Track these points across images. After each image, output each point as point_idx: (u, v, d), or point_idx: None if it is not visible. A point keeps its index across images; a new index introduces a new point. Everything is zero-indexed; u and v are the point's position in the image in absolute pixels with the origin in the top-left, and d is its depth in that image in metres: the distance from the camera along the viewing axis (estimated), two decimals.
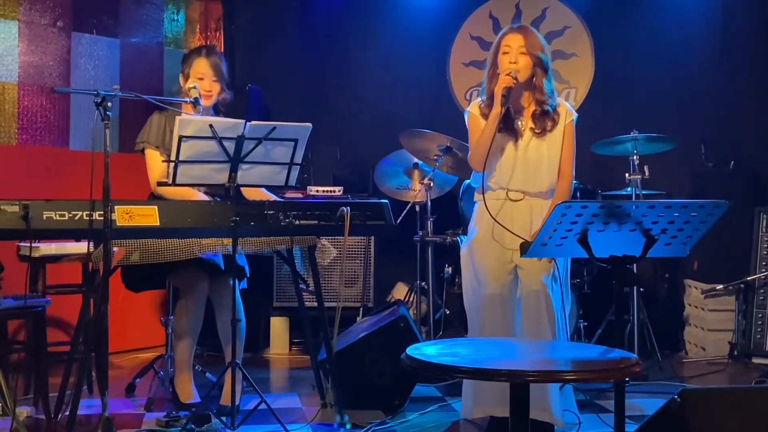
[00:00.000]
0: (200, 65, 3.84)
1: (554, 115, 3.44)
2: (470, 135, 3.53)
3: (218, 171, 3.28)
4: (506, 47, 3.38)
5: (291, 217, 3.41)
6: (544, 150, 3.43)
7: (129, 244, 3.27)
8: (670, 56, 5.78)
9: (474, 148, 3.44)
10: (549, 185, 3.46)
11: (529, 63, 3.37)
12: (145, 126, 3.84)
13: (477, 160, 3.40)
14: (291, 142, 3.31)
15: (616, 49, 5.91)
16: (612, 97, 5.89)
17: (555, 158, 3.44)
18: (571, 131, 3.48)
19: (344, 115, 6.23)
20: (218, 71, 3.86)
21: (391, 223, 3.66)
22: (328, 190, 5.33)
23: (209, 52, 3.94)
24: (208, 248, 3.40)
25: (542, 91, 3.41)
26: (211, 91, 3.83)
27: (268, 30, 6.23)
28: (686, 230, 2.52)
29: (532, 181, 3.43)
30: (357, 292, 5.35)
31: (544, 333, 3.35)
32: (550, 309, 3.36)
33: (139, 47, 5.58)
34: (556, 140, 3.44)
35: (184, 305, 3.77)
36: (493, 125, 3.32)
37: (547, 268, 3.37)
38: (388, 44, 6.19)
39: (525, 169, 3.43)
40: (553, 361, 2.37)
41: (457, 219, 5.06)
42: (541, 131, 3.43)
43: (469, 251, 3.54)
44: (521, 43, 3.37)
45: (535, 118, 3.43)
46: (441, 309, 5.18)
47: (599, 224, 2.46)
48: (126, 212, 3.15)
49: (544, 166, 3.43)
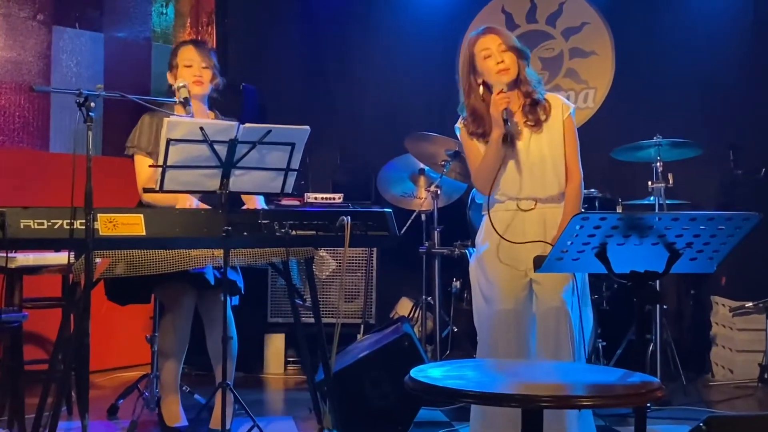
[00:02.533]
0: (187, 52, 3.88)
1: (545, 104, 3.47)
2: (466, 153, 3.58)
3: (209, 177, 3.28)
4: (485, 50, 3.43)
5: (287, 226, 3.41)
6: (545, 150, 3.45)
7: (113, 255, 3.27)
8: (696, 55, 5.78)
9: (477, 173, 3.49)
10: (558, 188, 3.46)
11: (514, 58, 3.43)
12: (135, 129, 3.85)
13: (482, 186, 3.47)
14: (287, 147, 3.31)
15: (638, 46, 5.92)
16: (634, 99, 5.89)
17: (559, 158, 3.46)
18: (572, 126, 3.50)
19: (345, 116, 6.24)
20: (207, 58, 3.90)
21: (394, 234, 3.65)
22: (327, 197, 5.34)
23: (197, 42, 4.03)
24: (197, 261, 3.40)
25: (528, 81, 3.46)
26: (201, 76, 3.84)
27: (265, 24, 6.25)
28: (713, 244, 2.52)
29: (541, 185, 3.44)
30: (357, 308, 5.35)
31: (564, 354, 3.33)
32: (570, 328, 3.35)
33: (125, 42, 5.60)
34: (556, 138, 3.46)
35: (169, 321, 3.78)
36: (496, 149, 3.37)
37: (566, 283, 3.37)
38: (394, 41, 6.20)
39: (531, 174, 3.44)
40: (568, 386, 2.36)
41: (465, 229, 5.06)
42: (535, 123, 3.45)
43: (479, 264, 3.53)
44: (498, 41, 3.43)
45: (526, 111, 3.47)
46: (448, 326, 5.17)
47: (619, 237, 2.45)
48: (110, 221, 3.15)
49: (549, 168, 3.44)
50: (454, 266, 5.13)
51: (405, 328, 4.08)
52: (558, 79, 6.05)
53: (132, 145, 3.81)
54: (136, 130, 3.84)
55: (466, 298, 5.12)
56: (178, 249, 3.33)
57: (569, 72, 6.04)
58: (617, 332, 5.01)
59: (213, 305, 3.79)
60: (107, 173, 3.89)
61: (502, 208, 3.47)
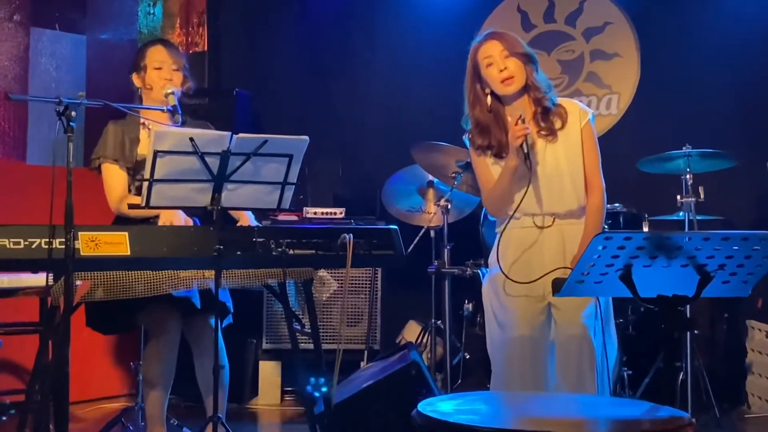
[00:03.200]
0: (157, 52, 3.92)
1: (558, 110, 3.47)
2: (474, 168, 3.60)
3: (199, 191, 3.29)
4: (487, 58, 3.44)
5: (284, 245, 3.41)
6: (562, 161, 3.44)
7: (94, 276, 3.27)
8: (730, 57, 5.77)
9: (489, 197, 3.52)
10: (578, 202, 3.46)
11: (519, 64, 3.42)
12: (100, 140, 3.88)
13: (493, 211, 3.51)
14: (284, 158, 3.31)
15: (665, 48, 5.92)
16: (661, 106, 5.88)
17: (577, 169, 3.45)
18: (591, 134, 3.50)
19: (347, 124, 6.25)
20: (178, 59, 3.94)
21: (401, 253, 3.65)
22: (328, 212, 5.34)
23: (165, 42, 4.07)
24: (185, 283, 3.40)
25: (538, 87, 3.46)
26: (172, 80, 3.87)
27: (260, 25, 6.26)
28: (747, 266, 2.51)
29: (559, 199, 3.44)
30: (361, 333, 5.34)
31: (585, 385, 3.33)
32: (592, 356, 3.34)
33: (110, 45, 5.62)
34: (573, 148, 3.46)
35: (154, 348, 3.78)
36: (511, 178, 3.38)
37: (588, 307, 3.36)
38: (400, 42, 6.22)
39: (548, 188, 3.44)
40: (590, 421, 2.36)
41: (478, 247, 5.05)
42: (549, 132, 3.45)
43: (492, 286, 3.53)
44: (500, 47, 3.43)
45: (539, 119, 3.46)
46: (460, 353, 5.16)
47: (645, 258, 2.45)
48: (91, 239, 3.15)
49: (567, 181, 3.44)
50: (465, 287, 5.12)
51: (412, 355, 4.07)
52: (578, 83, 6.05)
53: (98, 156, 3.85)
54: (101, 140, 3.88)
55: (479, 322, 5.09)
56: (165, 270, 3.33)
57: (590, 76, 6.04)
58: (644, 360, 4.99)
59: (202, 331, 3.79)
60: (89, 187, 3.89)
61: (517, 225, 3.47)
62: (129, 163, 3.83)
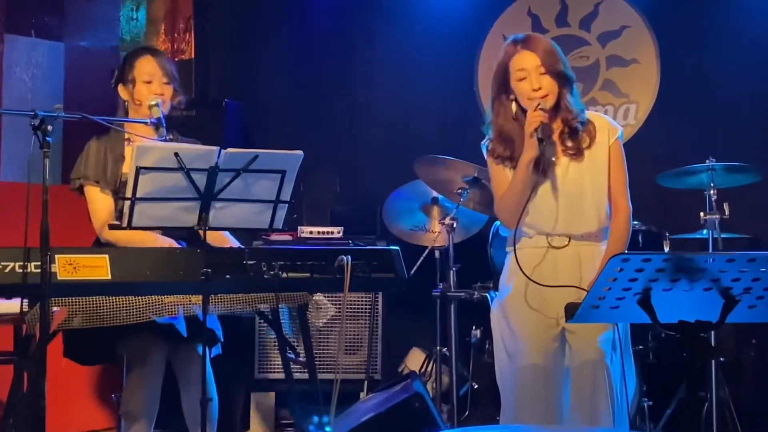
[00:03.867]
0: (146, 64, 3.92)
1: (587, 127, 3.47)
2: (492, 176, 3.60)
3: (185, 210, 3.29)
4: (521, 71, 3.41)
5: (277, 268, 3.41)
6: (585, 178, 3.45)
7: (73, 303, 3.27)
8: (757, 64, 5.77)
9: (501, 202, 3.50)
10: (599, 224, 3.47)
11: (553, 85, 3.42)
12: (80, 157, 3.89)
13: (507, 217, 3.47)
14: (277, 175, 3.32)
15: (687, 53, 5.93)
16: (683, 116, 5.89)
17: (601, 188, 3.46)
18: (619, 152, 3.51)
19: (345, 137, 6.26)
20: (168, 71, 3.94)
21: (403, 275, 3.66)
22: (325, 231, 5.34)
23: (155, 51, 4.07)
24: (170, 310, 3.40)
25: (570, 110, 3.46)
26: (162, 94, 3.88)
27: (251, 31, 6.28)
28: None
29: (578, 220, 3.44)
30: (360, 361, 5.34)
31: (602, 417, 3.33)
32: (610, 386, 3.35)
33: (90, 52, 5.64)
34: (599, 165, 3.46)
35: (137, 379, 3.77)
36: (527, 174, 3.36)
37: (605, 333, 3.37)
38: (402, 49, 6.23)
39: (567, 206, 3.44)
40: None
41: (486, 269, 5.05)
42: (576, 151, 3.45)
43: (502, 311, 3.53)
44: (537, 62, 3.40)
45: (566, 138, 3.47)
46: (467, 383, 5.15)
47: (665, 281, 2.45)
48: (69, 263, 3.15)
49: (589, 200, 3.45)
50: (473, 312, 5.11)
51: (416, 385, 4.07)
52: (594, 91, 6.06)
53: (77, 176, 3.85)
54: (81, 158, 3.88)
55: (487, 349, 5.09)
56: (148, 295, 3.33)
57: (606, 84, 6.05)
58: (666, 389, 4.98)
59: (188, 361, 3.78)
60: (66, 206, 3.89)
61: (529, 244, 3.47)
62: (111, 184, 3.83)
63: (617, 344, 3.39)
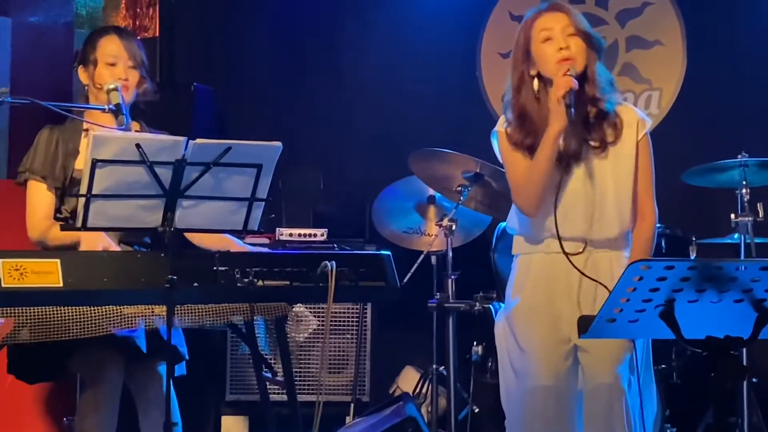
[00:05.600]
0: (110, 44, 3.91)
1: (615, 119, 3.46)
2: (506, 166, 3.56)
3: (148, 210, 3.29)
4: (546, 31, 3.40)
5: (252, 274, 3.41)
6: (609, 179, 3.45)
7: (19, 313, 3.26)
8: None
9: (521, 186, 3.45)
10: (620, 229, 3.47)
11: (582, 45, 3.41)
12: (30, 148, 3.88)
13: (527, 201, 3.43)
14: (253, 169, 3.32)
15: (717, 34, 5.94)
16: (712, 105, 5.91)
17: (625, 190, 3.46)
18: (648, 149, 3.52)
19: (331, 127, 6.26)
20: (135, 54, 3.93)
21: (395, 284, 3.66)
22: (306, 234, 5.34)
23: (121, 31, 4.06)
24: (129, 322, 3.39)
25: (596, 83, 3.44)
26: (127, 79, 3.87)
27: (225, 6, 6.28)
28: None
29: (598, 224, 3.44)
30: (346, 381, 5.34)
31: None
32: (627, 410, 3.35)
33: (40, 29, 5.63)
34: (625, 164, 3.46)
35: (91, 400, 3.76)
36: (553, 148, 3.33)
37: (622, 351, 3.37)
38: (395, 28, 6.24)
39: (586, 207, 3.44)
40: None
41: (489, 277, 5.07)
42: (600, 144, 3.44)
43: (509, 325, 3.54)
44: (566, 22, 3.41)
45: (589, 125, 3.45)
46: (467, 406, 5.16)
47: (691, 292, 2.45)
48: (15, 268, 3.14)
49: (611, 202, 3.45)
50: (474, 326, 5.12)
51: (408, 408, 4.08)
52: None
53: (24, 170, 3.84)
54: (31, 149, 3.88)
55: (490, 368, 5.11)
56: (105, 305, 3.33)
57: (626, 68, 6.06)
58: (692, 414, 4.99)
59: (147, 380, 3.78)
60: (12, 204, 3.90)
61: (541, 248, 3.47)
62: (59, 181, 3.82)
63: (636, 364, 3.39)
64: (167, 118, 4.10)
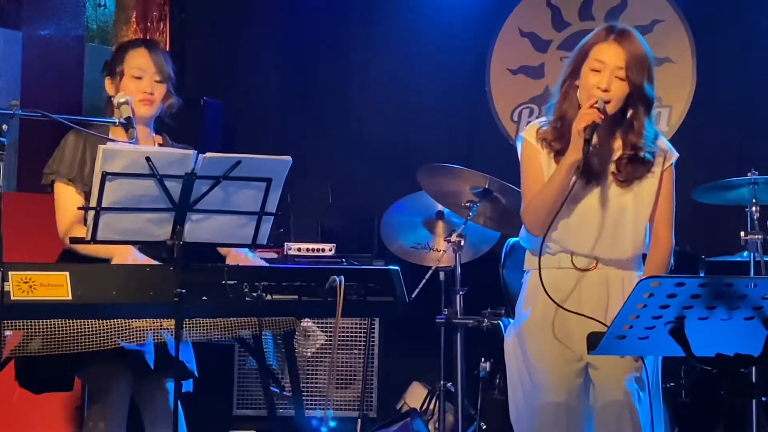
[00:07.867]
0: (138, 57, 3.89)
1: (650, 164, 3.46)
2: (523, 174, 3.55)
3: (157, 223, 3.29)
4: (598, 62, 3.35)
5: (260, 289, 3.41)
6: (629, 202, 3.44)
7: (28, 326, 3.26)
8: None
9: (531, 202, 3.46)
10: (633, 251, 3.47)
11: (625, 92, 3.36)
12: (56, 151, 3.87)
13: (535, 221, 3.42)
14: (262, 183, 3.32)
15: (727, 52, 5.94)
16: (721, 122, 5.90)
17: (643, 214, 3.47)
18: (671, 181, 3.52)
19: (339, 141, 6.27)
20: (163, 68, 3.91)
21: (403, 299, 3.65)
22: (314, 248, 5.34)
23: (151, 45, 4.02)
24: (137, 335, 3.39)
25: (640, 133, 3.42)
26: (153, 93, 3.86)
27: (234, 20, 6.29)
28: None
29: (611, 243, 3.44)
30: (354, 396, 5.33)
31: None
32: (637, 428, 3.34)
33: (51, 43, 5.64)
34: (647, 191, 3.47)
35: (98, 414, 3.75)
36: (565, 177, 3.33)
37: (632, 369, 3.36)
38: (404, 43, 6.25)
39: (601, 226, 3.43)
40: None
41: (498, 293, 5.06)
42: (625, 180, 3.44)
43: (518, 341, 3.53)
44: (620, 63, 3.34)
45: (622, 165, 3.45)
46: (475, 422, 5.14)
47: (701, 309, 2.45)
48: (24, 280, 3.14)
49: (629, 223, 3.45)
50: (482, 342, 5.11)
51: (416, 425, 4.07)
52: None
53: (51, 171, 3.82)
54: (56, 152, 3.85)
55: (498, 384, 5.09)
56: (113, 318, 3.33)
57: None
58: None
59: (155, 395, 3.76)
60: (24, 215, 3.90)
61: (552, 263, 3.46)
62: (87, 185, 3.81)
63: (646, 382, 3.38)
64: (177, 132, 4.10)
